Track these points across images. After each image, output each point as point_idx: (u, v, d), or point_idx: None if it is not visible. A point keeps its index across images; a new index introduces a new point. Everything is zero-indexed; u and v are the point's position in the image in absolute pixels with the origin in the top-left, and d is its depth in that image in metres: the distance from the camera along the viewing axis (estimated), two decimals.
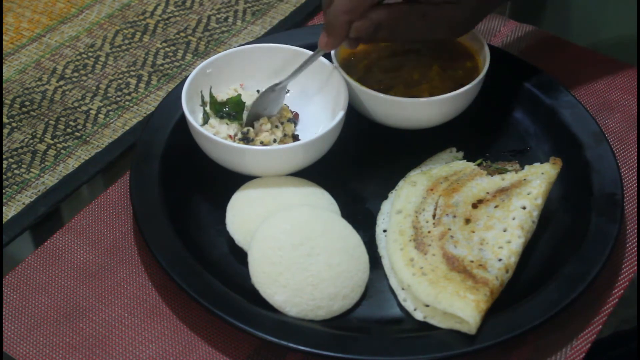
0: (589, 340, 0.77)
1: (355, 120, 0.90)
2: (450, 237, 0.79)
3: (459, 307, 0.73)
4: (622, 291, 0.81)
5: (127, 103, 1.00)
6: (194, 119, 0.85)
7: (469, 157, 0.90)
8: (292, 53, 0.93)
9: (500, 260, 0.77)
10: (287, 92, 0.92)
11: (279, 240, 0.77)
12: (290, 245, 0.77)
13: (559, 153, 0.89)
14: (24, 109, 0.99)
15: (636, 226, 0.86)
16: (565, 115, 0.93)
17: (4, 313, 0.78)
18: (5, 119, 0.97)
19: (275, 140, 0.87)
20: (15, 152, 0.94)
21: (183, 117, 0.87)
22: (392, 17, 0.81)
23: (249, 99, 0.89)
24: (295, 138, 0.90)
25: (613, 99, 1.00)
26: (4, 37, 1.08)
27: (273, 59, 0.93)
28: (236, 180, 0.85)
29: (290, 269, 0.76)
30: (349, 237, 0.80)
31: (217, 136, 0.84)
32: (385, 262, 0.81)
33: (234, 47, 1.03)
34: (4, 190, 0.89)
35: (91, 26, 1.10)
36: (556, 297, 0.75)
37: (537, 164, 0.86)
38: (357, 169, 0.91)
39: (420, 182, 0.86)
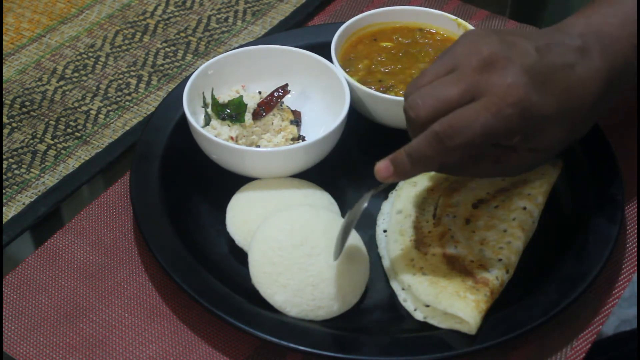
0: (589, 340, 0.77)
1: (355, 120, 0.90)
2: (451, 237, 0.79)
3: (459, 307, 0.73)
4: (622, 291, 0.81)
5: (127, 103, 1.00)
6: (195, 120, 0.85)
7: None
8: (294, 54, 0.93)
9: (500, 260, 0.77)
10: (288, 93, 0.92)
11: (279, 241, 0.77)
12: (291, 245, 0.76)
13: (559, 153, 0.89)
14: (24, 109, 0.98)
15: (636, 227, 0.86)
16: None
17: (4, 313, 0.78)
18: (5, 119, 0.97)
19: (284, 140, 0.87)
20: (15, 152, 0.94)
21: (183, 118, 0.87)
22: (460, 162, 0.77)
23: (250, 100, 0.89)
24: (301, 139, 0.89)
25: None
26: (4, 37, 1.08)
27: (275, 61, 0.93)
28: (236, 180, 0.85)
29: (290, 269, 0.76)
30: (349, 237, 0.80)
31: (218, 138, 0.84)
32: (385, 262, 0.81)
33: (235, 47, 1.03)
34: (4, 191, 0.89)
35: (91, 26, 1.10)
36: (556, 297, 0.75)
37: None
38: (357, 169, 0.91)
39: (421, 182, 0.85)
